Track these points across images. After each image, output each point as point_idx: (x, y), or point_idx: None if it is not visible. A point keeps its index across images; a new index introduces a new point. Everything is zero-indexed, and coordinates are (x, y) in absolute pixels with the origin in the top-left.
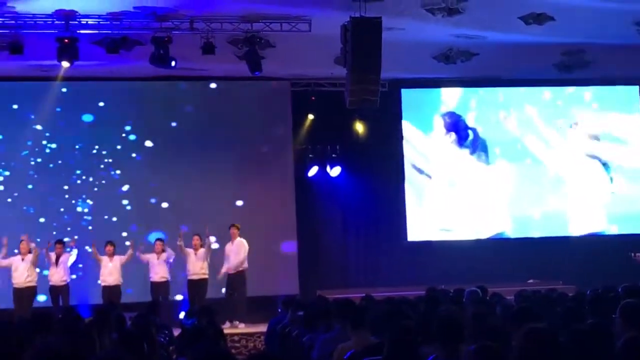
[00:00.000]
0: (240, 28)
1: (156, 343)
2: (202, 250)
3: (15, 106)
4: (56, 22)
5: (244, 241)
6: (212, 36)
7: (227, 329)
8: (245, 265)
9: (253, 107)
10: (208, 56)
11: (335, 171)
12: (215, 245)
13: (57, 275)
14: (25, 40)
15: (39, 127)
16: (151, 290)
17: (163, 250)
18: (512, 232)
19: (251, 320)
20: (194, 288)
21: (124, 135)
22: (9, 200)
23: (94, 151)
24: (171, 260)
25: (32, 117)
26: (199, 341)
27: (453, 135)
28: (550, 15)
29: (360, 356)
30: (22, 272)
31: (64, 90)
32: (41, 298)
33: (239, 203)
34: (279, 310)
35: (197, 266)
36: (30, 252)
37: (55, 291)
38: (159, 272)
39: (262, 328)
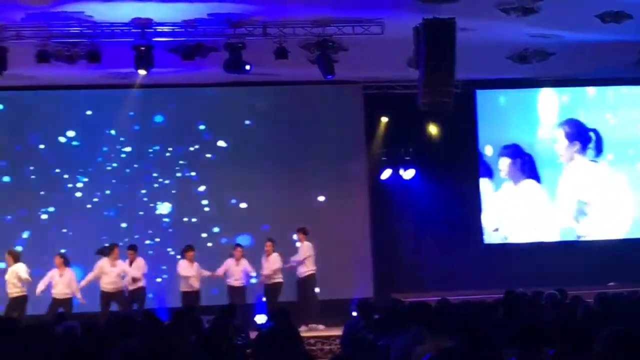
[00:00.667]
0: (312, 32)
1: (233, 345)
2: (274, 255)
3: (89, 112)
4: (132, 30)
5: (309, 245)
6: (284, 41)
7: (303, 332)
8: (312, 268)
9: (326, 111)
10: (281, 61)
11: (409, 174)
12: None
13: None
14: (102, 48)
15: (113, 132)
16: (228, 294)
17: (242, 256)
18: (590, 234)
19: (326, 323)
20: (269, 292)
21: (197, 136)
22: (89, 206)
23: (168, 154)
24: (249, 270)
25: (106, 122)
26: (276, 344)
27: (577, 144)
28: (629, 14)
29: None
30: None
31: (138, 95)
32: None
33: (314, 205)
34: (354, 313)
35: (270, 271)
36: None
37: (130, 295)
38: (237, 277)
39: (337, 331)
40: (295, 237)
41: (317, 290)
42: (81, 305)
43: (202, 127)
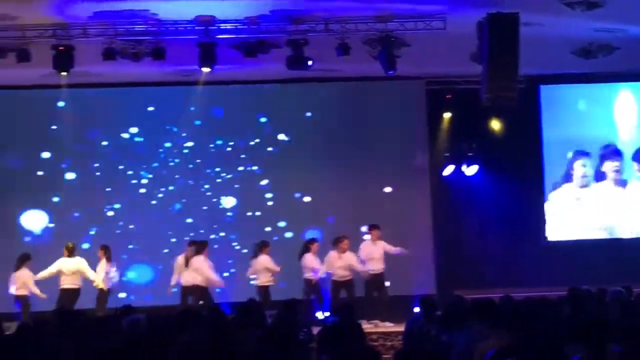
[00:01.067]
0: (374, 28)
1: (297, 340)
2: (348, 252)
3: (151, 108)
4: (196, 28)
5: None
6: (346, 37)
7: (367, 328)
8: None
9: (388, 107)
10: (343, 57)
11: (471, 170)
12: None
13: (187, 276)
14: (166, 46)
15: (175, 128)
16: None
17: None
18: None
19: (387, 319)
20: (338, 288)
21: (259, 129)
22: (154, 202)
23: (229, 148)
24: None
25: (168, 118)
26: (341, 339)
27: None
28: None
29: (501, 356)
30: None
31: (198, 90)
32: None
33: (376, 201)
34: (416, 309)
35: (342, 266)
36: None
37: (184, 292)
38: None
39: (398, 327)
40: (363, 230)
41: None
42: (155, 299)
43: (263, 119)
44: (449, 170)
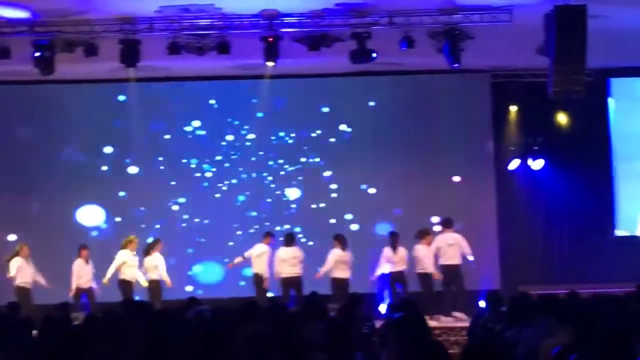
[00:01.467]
0: (439, 21)
1: (360, 334)
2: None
3: (212, 101)
4: (261, 21)
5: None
6: (410, 30)
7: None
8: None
9: (452, 100)
10: (406, 50)
11: (537, 164)
12: None
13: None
14: (231, 40)
15: (236, 122)
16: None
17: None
18: None
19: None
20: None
21: (321, 121)
22: (217, 195)
23: (291, 140)
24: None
25: (230, 111)
26: (404, 333)
27: None
28: None
29: (567, 353)
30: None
31: (260, 83)
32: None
33: (441, 194)
34: (481, 305)
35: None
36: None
37: (256, 281)
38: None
39: (460, 323)
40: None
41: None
42: (222, 291)
43: (325, 109)
44: (514, 164)
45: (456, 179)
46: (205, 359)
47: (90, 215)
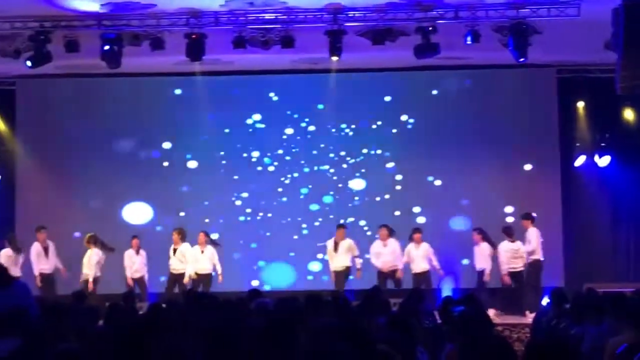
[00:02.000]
0: (506, 15)
1: (422, 328)
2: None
3: (272, 94)
4: (325, 15)
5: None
6: (476, 24)
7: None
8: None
9: (517, 95)
10: (471, 44)
11: (604, 160)
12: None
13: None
14: (295, 34)
15: (296, 115)
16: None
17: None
18: None
19: (511, 311)
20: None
21: (382, 112)
22: (280, 189)
23: (350, 132)
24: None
25: (289, 104)
26: (468, 328)
27: None
28: None
29: (634, 351)
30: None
31: (320, 75)
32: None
33: (504, 190)
34: (545, 302)
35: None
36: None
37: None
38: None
39: (518, 319)
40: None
41: None
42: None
43: (387, 97)
44: (580, 160)
45: (523, 172)
46: (269, 351)
47: (146, 211)
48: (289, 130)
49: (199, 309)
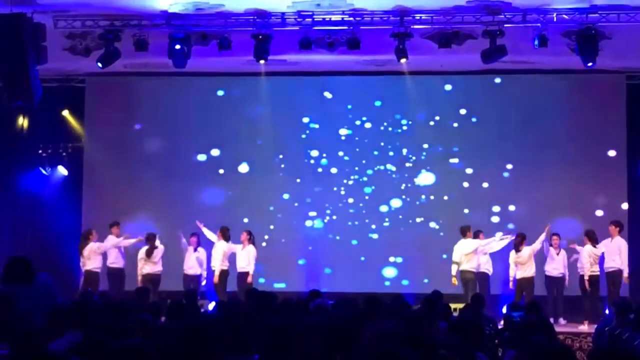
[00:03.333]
0: (575, 20)
1: (484, 334)
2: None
3: (326, 93)
4: (391, 18)
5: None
6: (544, 28)
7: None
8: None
9: (585, 100)
10: (539, 49)
11: None
12: None
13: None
14: (361, 35)
15: (350, 115)
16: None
17: None
18: None
19: (571, 319)
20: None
21: (443, 106)
22: (342, 191)
23: (404, 127)
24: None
25: (345, 102)
26: (530, 335)
27: None
28: None
29: None
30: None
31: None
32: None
33: (566, 197)
34: (607, 311)
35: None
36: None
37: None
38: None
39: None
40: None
41: None
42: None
43: (448, 86)
44: None
45: (584, 182)
46: (329, 352)
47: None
48: (348, 131)
49: (259, 309)
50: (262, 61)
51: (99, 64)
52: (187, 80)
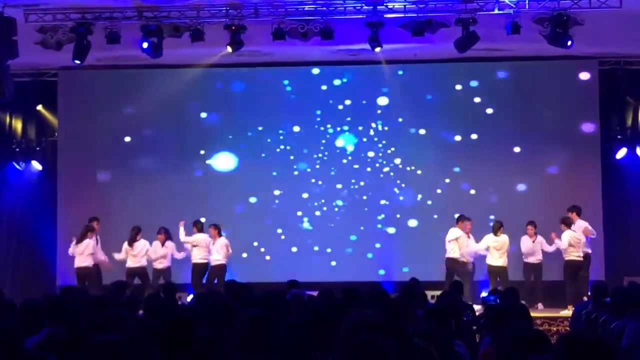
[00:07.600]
0: (546, 6)
1: (462, 321)
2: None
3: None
4: (364, 7)
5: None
6: (517, 16)
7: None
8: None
9: (558, 87)
10: (511, 36)
11: None
12: None
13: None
14: (334, 25)
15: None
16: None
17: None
18: None
19: (550, 304)
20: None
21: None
22: (372, 188)
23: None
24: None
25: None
26: (507, 321)
27: None
28: None
29: None
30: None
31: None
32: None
33: (543, 183)
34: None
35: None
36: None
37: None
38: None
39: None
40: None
41: None
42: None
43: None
44: (622, 153)
45: (559, 168)
46: (308, 342)
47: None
48: (378, 126)
49: (237, 301)
50: (235, 52)
51: (76, 61)
52: (160, 72)
